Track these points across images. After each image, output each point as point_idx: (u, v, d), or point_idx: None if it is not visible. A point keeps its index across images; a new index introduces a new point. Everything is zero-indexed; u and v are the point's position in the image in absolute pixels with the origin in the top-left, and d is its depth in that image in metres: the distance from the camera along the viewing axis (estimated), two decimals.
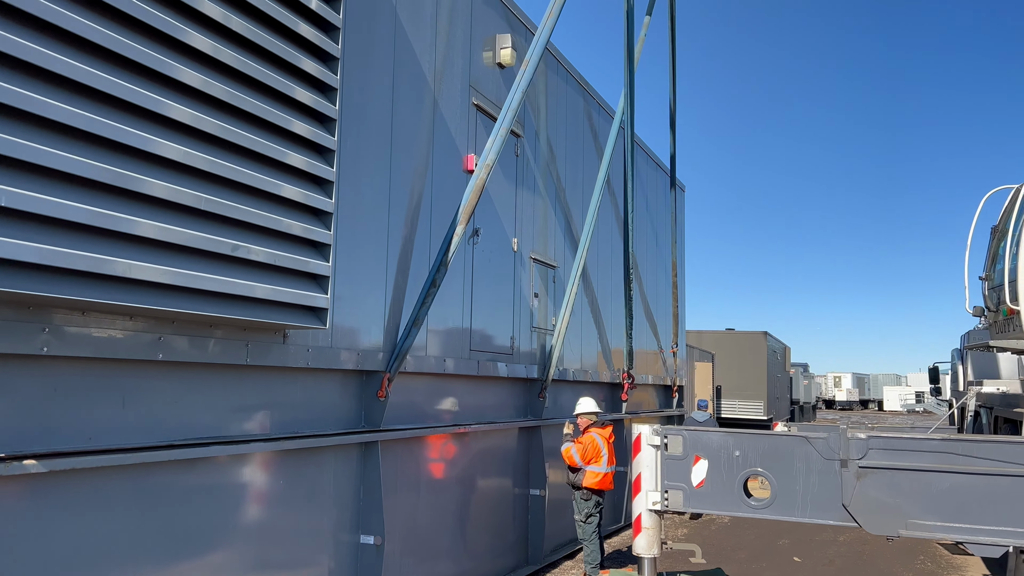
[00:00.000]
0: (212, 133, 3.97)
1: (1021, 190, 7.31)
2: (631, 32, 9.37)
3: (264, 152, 4.30)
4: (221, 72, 4.08)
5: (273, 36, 4.40)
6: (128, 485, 3.99)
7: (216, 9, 4.00)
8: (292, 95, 4.52)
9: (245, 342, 4.65)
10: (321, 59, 4.82)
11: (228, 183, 4.11)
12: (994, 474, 5.05)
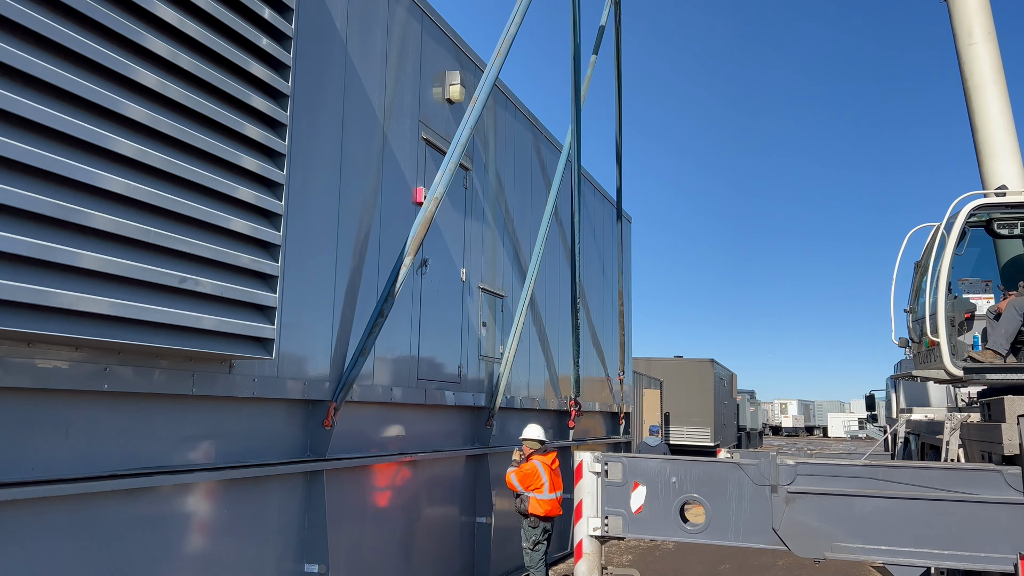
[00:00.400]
0: (159, 167, 4.06)
1: (940, 229, 7.76)
2: (577, 70, 9.69)
3: (212, 186, 4.40)
4: (169, 107, 4.18)
5: (222, 73, 4.53)
6: (71, 516, 4.00)
7: (164, 46, 4.12)
8: (241, 131, 4.64)
9: (191, 372, 4.70)
10: (271, 96, 4.95)
11: (176, 216, 4.20)
12: (912, 498, 5.34)
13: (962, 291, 8.29)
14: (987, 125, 8.80)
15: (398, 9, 7.29)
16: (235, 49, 4.60)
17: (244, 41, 4.70)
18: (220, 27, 4.52)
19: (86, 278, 3.68)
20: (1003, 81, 8.90)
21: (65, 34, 3.56)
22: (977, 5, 9.00)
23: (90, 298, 3.64)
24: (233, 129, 4.57)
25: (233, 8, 4.61)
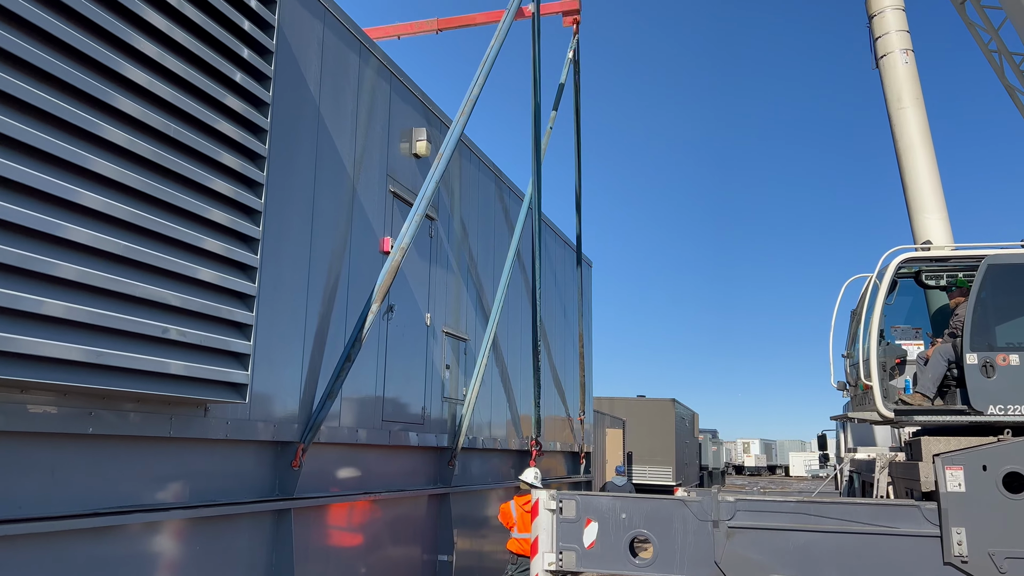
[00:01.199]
0: (142, 225, 4.41)
1: (872, 280, 8.35)
2: (538, 126, 10.24)
3: (192, 241, 4.76)
4: (140, 164, 4.50)
5: (200, 135, 4.91)
6: (51, 552, 4.25)
7: (132, 106, 4.48)
8: (219, 189, 5.01)
9: (169, 415, 5.00)
10: (248, 157, 5.35)
11: (158, 270, 4.54)
12: (841, 532, 5.78)
13: (894, 338, 8.88)
14: (916, 182, 9.50)
15: (367, 71, 7.77)
16: (212, 113, 4.99)
17: (221, 105, 5.10)
18: (195, 91, 4.92)
19: (72, 328, 4.00)
20: (930, 142, 9.63)
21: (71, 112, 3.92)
22: (906, 73, 9.76)
23: (80, 348, 3.96)
24: (211, 189, 4.95)
25: (209, 73, 5.01)
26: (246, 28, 5.31)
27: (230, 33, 5.19)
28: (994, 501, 5.81)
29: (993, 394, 7.39)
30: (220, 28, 5.09)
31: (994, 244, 8.27)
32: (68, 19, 4.05)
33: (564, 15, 12.19)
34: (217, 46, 5.09)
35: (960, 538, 5.66)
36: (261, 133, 5.45)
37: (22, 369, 3.71)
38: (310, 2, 6.73)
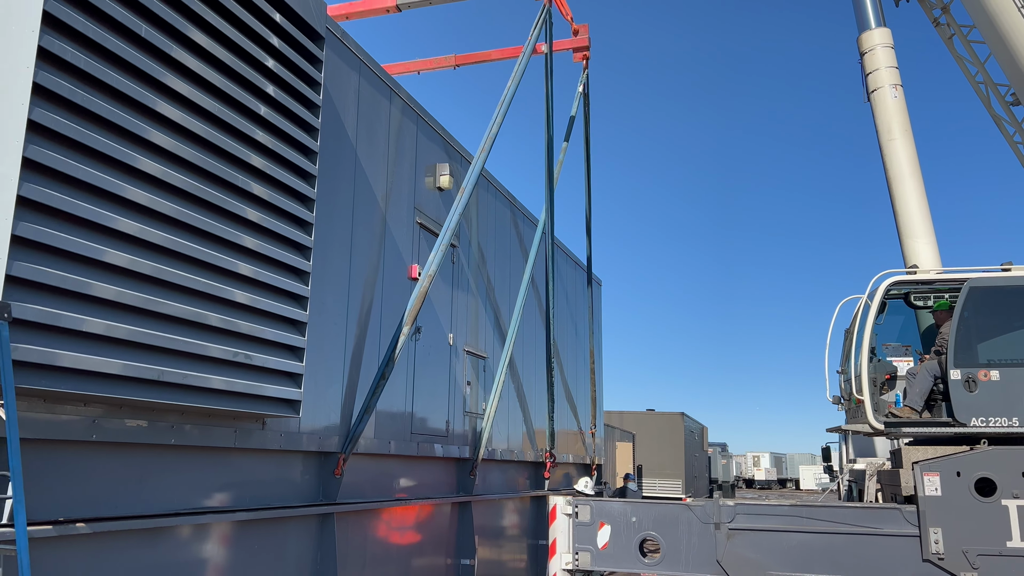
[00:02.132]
0: (224, 267, 5.13)
1: (863, 301, 9.00)
2: (551, 158, 10.96)
3: (259, 279, 5.48)
4: (217, 212, 5.24)
5: (263, 184, 5.64)
6: (141, 545, 4.95)
7: (205, 159, 5.20)
8: (276, 230, 5.74)
9: (233, 428, 5.70)
10: (301, 200, 6.08)
11: (232, 304, 5.25)
12: (830, 532, 6.41)
13: (885, 355, 9.51)
14: (906, 209, 10.15)
15: (396, 113, 8.50)
16: (273, 164, 5.72)
17: (280, 158, 5.83)
18: (259, 146, 5.65)
19: (161, 354, 4.71)
20: (918, 171, 10.29)
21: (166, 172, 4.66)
22: (895, 107, 10.44)
23: (169, 370, 4.67)
24: (271, 230, 5.67)
25: (269, 130, 5.75)
26: (299, 88, 6.05)
27: (286, 94, 5.93)
28: (967, 504, 6.42)
29: (975, 407, 8.02)
30: (278, 89, 5.82)
31: (976, 268, 8.91)
32: (156, 90, 4.78)
33: (575, 52, 12.93)
34: (276, 105, 5.83)
35: (937, 537, 6.28)
36: (311, 178, 6.18)
37: (122, 389, 4.42)
38: (348, 55, 7.48)
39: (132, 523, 4.77)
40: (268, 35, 5.72)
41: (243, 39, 5.45)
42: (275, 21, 5.82)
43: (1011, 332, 8.43)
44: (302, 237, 6.01)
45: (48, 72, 4.02)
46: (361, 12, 11.05)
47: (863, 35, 10.94)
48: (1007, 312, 8.48)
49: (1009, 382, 8.08)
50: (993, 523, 6.34)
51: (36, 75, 3.93)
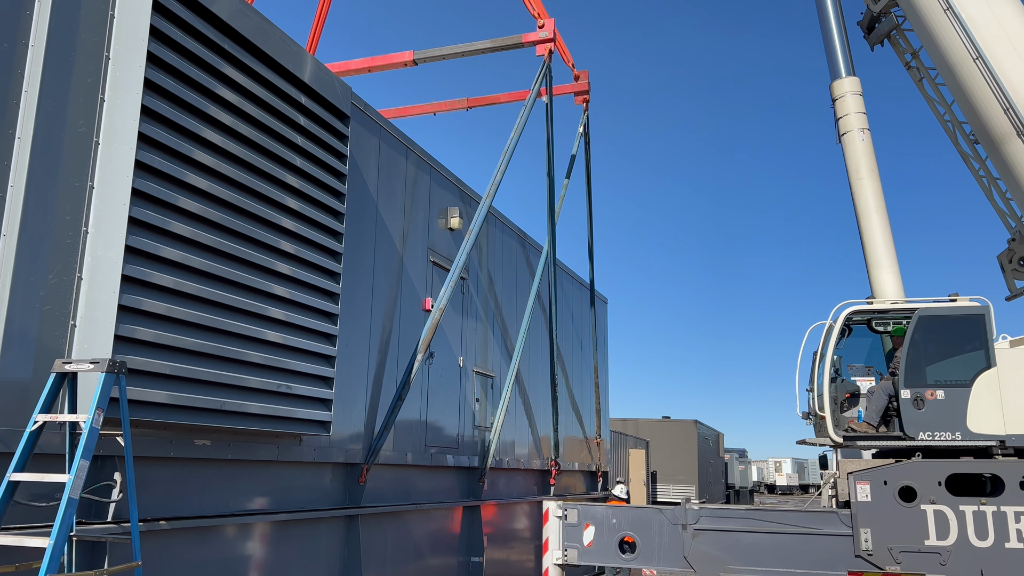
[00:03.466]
0: (280, 319, 6.38)
1: (828, 324, 10.08)
2: (552, 195, 12.16)
3: (299, 323, 6.73)
4: (273, 274, 6.48)
5: (303, 246, 6.89)
6: (202, 541, 6.20)
7: (263, 233, 6.45)
8: (313, 282, 6.99)
9: (276, 445, 6.95)
10: (331, 255, 7.33)
11: (283, 347, 6.50)
12: (780, 532, 7.53)
13: (850, 375, 10.57)
14: (872, 242, 11.21)
15: (411, 167, 9.75)
16: (310, 229, 6.98)
17: (316, 223, 7.08)
18: (302, 216, 6.90)
19: (225, 389, 5.96)
20: (884, 208, 11.35)
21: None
22: (863, 150, 11.51)
23: (230, 401, 5.92)
24: (309, 283, 6.92)
25: (308, 201, 7.00)
26: (329, 162, 7.31)
27: (319, 168, 7.19)
28: (892, 508, 7.48)
29: (923, 423, 9.09)
30: (312, 165, 7.08)
31: (926, 299, 9.98)
32: (219, 180, 6.04)
33: (576, 95, 14.13)
34: (310, 178, 7.09)
35: (867, 537, 7.34)
36: (339, 236, 7.43)
37: (193, 417, 5.67)
38: (370, 123, 8.74)
39: (199, 522, 6.03)
40: (301, 119, 6.98)
41: (284, 127, 6.72)
42: (310, 110, 7.09)
43: (955, 356, 9.48)
44: (331, 285, 7.26)
45: (143, 178, 5.29)
46: (382, 66, 12.33)
47: (834, 83, 12.01)
48: (952, 338, 9.54)
49: (953, 400, 9.15)
50: (913, 525, 7.39)
51: (135, 181, 5.21)
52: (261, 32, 6.49)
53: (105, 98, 5.40)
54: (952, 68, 11.29)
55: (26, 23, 5.03)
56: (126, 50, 5.42)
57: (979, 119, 11.19)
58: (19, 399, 4.72)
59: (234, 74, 6.18)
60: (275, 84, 6.64)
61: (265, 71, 6.53)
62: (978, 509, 7.44)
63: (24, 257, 4.82)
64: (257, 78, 6.46)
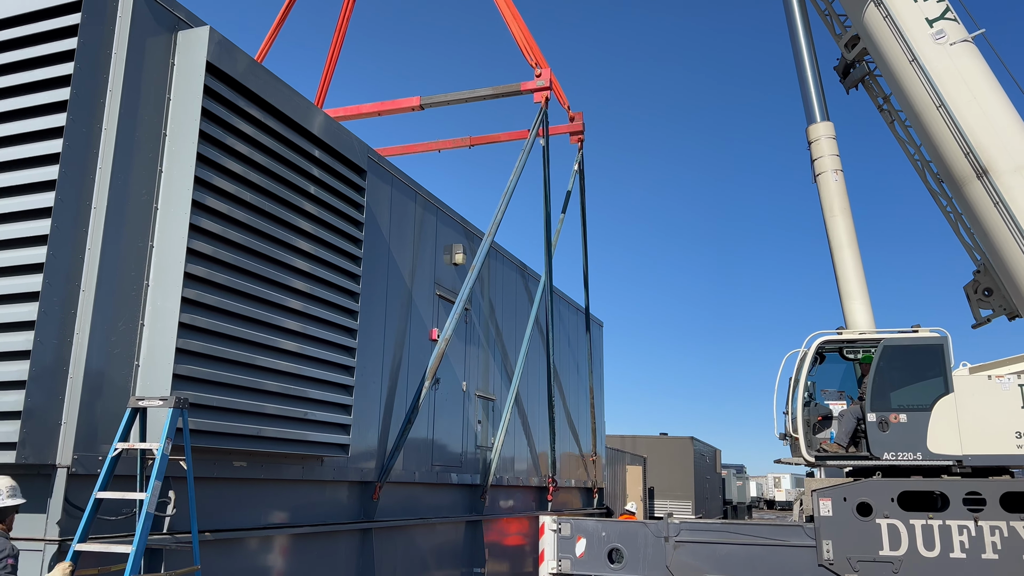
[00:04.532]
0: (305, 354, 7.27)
1: (801, 353, 10.97)
2: (548, 230, 13.08)
3: (323, 358, 7.62)
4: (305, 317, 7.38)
5: (328, 291, 7.79)
6: (242, 550, 7.05)
7: (297, 282, 7.36)
8: (336, 321, 7.88)
9: (301, 466, 7.82)
10: (350, 296, 8.23)
11: (308, 379, 7.39)
12: (752, 544, 8.38)
13: (823, 399, 11.45)
14: (844, 275, 12.11)
15: (419, 209, 10.68)
16: (334, 274, 7.89)
17: (338, 268, 7.99)
18: (328, 264, 7.81)
19: (264, 418, 6.84)
20: (855, 243, 12.26)
21: None
22: (836, 189, 12.44)
23: (266, 428, 6.80)
24: (333, 322, 7.81)
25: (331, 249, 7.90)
26: (348, 212, 8.23)
27: (340, 219, 8.11)
28: (851, 522, 8.31)
29: (887, 444, 9.96)
30: (334, 216, 8.00)
31: (892, 329, 10.87)
32: (261, 237, 6.95)
33: (571, 135, 15.09)
34: (332, 228, 8.00)
35: (828, 547, 8.17)
36: (357, 278, 8.33)
37: (235, 442, 6.55)
38: (383, 172, 9.67)
39: (235, 533, 6.89)
40: (327, 178, 7.91)
41: (313, 187, 7.64)
42: (335, 169, 8.02)
43: (917, 382, 10.37)
44: (350, 323, 8.16)
45: (195, 239, 6.20)
46: (391, 110, 13.29)
47: (810, 127, 12.96)
48: (914, 366, 10.43)
49: (914, 423, 10.03)
50: (869, 536, 8.22)
51: (189, 242, 6.12)
52: (297, 108, 7.43)
53: (163, 170, 6.33)
54: (918, 114, 12.25)
55: (100, 110, 5.96)
56: (181, 128, 6.36)
57: (943, 162, 12.15)
58: (93, 429, 5.61)
59: (273, 144, 7.12)
60: (307, 150, 7.58)
61: (298, 139, 7.47)
62: (926, 523, 8.29)
63: (99, 308, 5.72)
64: (292, 146, 7.40)
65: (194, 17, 6.75)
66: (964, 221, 13.08)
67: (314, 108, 7.86)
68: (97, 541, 5.17)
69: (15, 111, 5.90)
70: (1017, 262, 11.51)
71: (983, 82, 11.84)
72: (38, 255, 5.52)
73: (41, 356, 5.39)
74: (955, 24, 12.15)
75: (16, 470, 5.31)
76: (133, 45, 6.14)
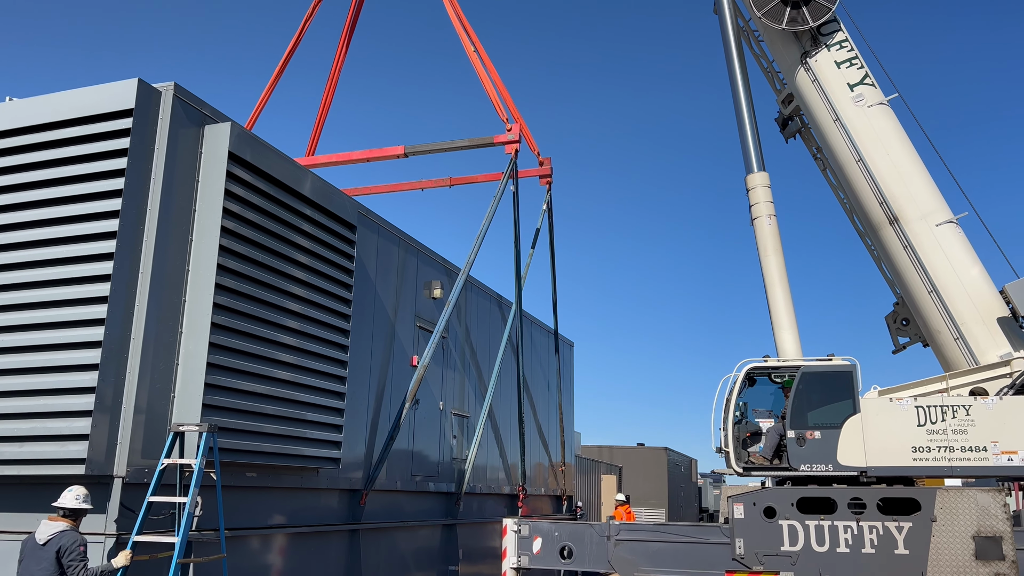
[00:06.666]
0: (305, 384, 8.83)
1: (733, 377, 12.62)
2: (518, 266, 14.70)
3: (320, 386, 9.19)
4: (303, 353, 8.95)
5: (324, 329, 9.36)
6: (250, 547, 8.59)
7: (294, 323, 8.93)
8: (329, 355, 9.45)
9: (300, 475, 9.37)
10: (342, 333, 9.80)
11: (306, 404, 8.95)
12: (678, 541, 9.98)
13: (755, 417, 13.09)
14: (775, 308, 13.77)
15: (402, 253, 12.27)
16: (328, 316, 9.47)
17: (332, 310, 9.56)
18: (321, 307, 9.38)
19: (271, 438, 8.39)
20: (786, 281, 13.93)
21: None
22: (770, 232, 14.12)
23: (273, 445, 8.36)
24: (328, 356, 9.38)
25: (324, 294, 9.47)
26: (339, 262, 9.81)
27: (335, 269, 9.69)
28: (758, 523, 9.92)
29: (804, 457, 11.60)
30: (331, 268, 9.58)
31: (810, 358, 12.54)
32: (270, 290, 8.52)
33: (540, 178, 16.74)
34: (330, 279, 9.58)
35: (740, 544, 9.77)
36: (347, 318, 9.91)
37: (246, 456, 8.09)
38: (370, 223, 11.26)
39: (245, 532, 8.44)
40: (323, 235, 9.49)
41: (312, 244, 9.23)
42: (331, 228, 9.60)
43: (830, 404, 12.03)
44: (342, 355, 9.74)
45: (220, 294, 7.78)
46: (378, 157, 14.88)
47: (748, 177, 14.64)
48: (827, 390, 12.09)
49: (827, 439, 11.67)
50: (773, 535, 9.83)
51: (215, 297, 7.69)
52: (298, 178, 9.03)
53: (193, 239, 7.90)
54: (841, 166, 14.02)
55: (146, 194, 7.53)
56: (208, 205, 7.93)
57: (862, 208, 13.90)
58: (141, 447, 7.16)
59: (278, 211, 8.71)
60: (306, 213, 9.17)
61: (299, 204, 9.05)
62: (818, 523, 9.92)
63: (145, 352, 7.28)
64: (293, 211, 8.99)
65: (218, 113, 8.34)
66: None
67: (313, 175, 9.45)
68: (148, 534, 6.72)
69: (83, 195, 7.46)
70: (923, 297, 13.25)
71: (895, 140, 13.61)
72: (100, 311, 7.08)
73: (102, 391, 6.95)
74: (873, 89, 13.92)
75: (84, 480, 6.85)
76: (171, 139, 7.72)
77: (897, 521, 9.84)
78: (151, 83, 7.70)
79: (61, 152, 7.60)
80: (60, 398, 7.00)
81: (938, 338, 13.22)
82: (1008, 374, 12.17)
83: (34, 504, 7.08)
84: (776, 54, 15.17)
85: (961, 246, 13.01)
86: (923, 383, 12.65)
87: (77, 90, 7.70)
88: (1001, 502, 9.79)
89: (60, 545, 6.00)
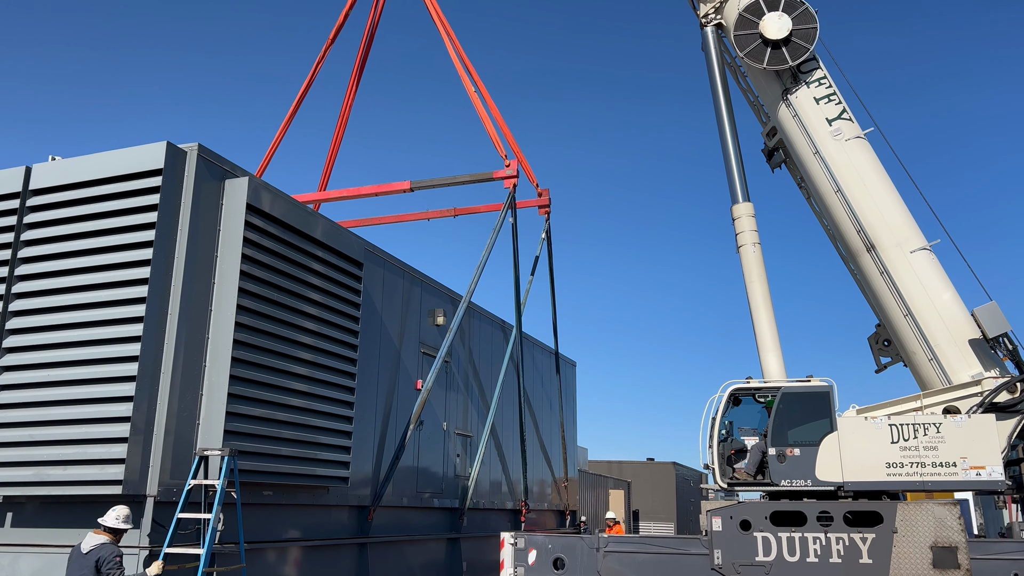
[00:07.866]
0: (316, 409, 9.72)
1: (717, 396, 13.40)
2: (518, 294, 15.58)
3: (329, 412, 10.08)
4: (317, 382, 9.85)
5: (333, 359, 10.26)
6: (268, 559, 9.46)
7: (307, 355, 9.83)
8: (338, 382, 10.34)
9: (312, 492, 10.25)
10: (350, 362, 10.70)
11: (317, 428, 9.83)
12: (662, 552, 10.75)
13: (740, 435, 13.84)
14: (760, 330, 14.56)
15: (407, 284, 13.18)
16: (337, 347, 10.37)
17: (341, 342, 10.46)
18: (331, 339, 10.28)
19: (286, 460, 9.27)
20: (770, 305, 14.71)
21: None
22: (754, 259, 14.92)
23: (288, 467, 9.24)
24: (337, 383, 10.28)
25: (334, 327, 10.36)
26: (347, 297, 10.72)
27: (344, 303, 10.59)
28: (735, 535, 10.68)
29: (784, 473, 12.35)
30: (340, 303, 10.48)
31: (790, 379, 13.30)
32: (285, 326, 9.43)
33: (539, 208, 17.65)
34: (339, 312, 10.49)
35: (718, 555, 10.52)
36: (355, 347, 10.81)
37: (263, 476, 8.97)
38: (376, 259, 12.18)
39: (260, 545, 9.32)
40: (334, 273, 10.41)
41: (323, 282, 10.14)
42: (340, 267, 10.52)
43: (809, 423, 12.78)
44: (350, 382, 10.63)
45: (240, 332, 8.70)
46: (385, 191, 15.83)
47: (733, 207, 15.46)
48: (806, 410, 12.84)
49: (806, 456, 12.42)
50: (748, 546, 10.58)
51: (235, 334, 8.61)
52: (310, 222, 9.96)
53: (215, 283, 8.83)
54: (821, 196, 14.83)
55: (174, 243, 8.48)
56: (228, 252, 8.86)
57: (842, 235, 14.69)
58: (170, 470, 8.06)
59: (291, 253, 9.64)
60: (316, 254, 10.09)
61: (310, 246, 9.98)
62: (790, 535, 10.66)
63: (174, 385, 8.20)
64: (305, 253, 9.92)
65: (237, 168, 9.30)
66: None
67: (323, 218, 10.38)
68: (177, 547, 7.61)
69: (117, 245, 8.41)
70: (899, 320, 14.00)
71: (871, 172, 14.41)
72: (134, 349, 8.01)
73: (137, 419, 7.87)
74: (850, 123, 14.74)
75: (121, 499, 7.76)
76: (195, 194, 8.68)
77: (862, 533, 10.58)
78: (174, 140, 8.67)
79: (99, 207, 8.57)
80: (99, 426, 7.92)
81: (914, 359, 13.96)
82: (979, 393, 12.90)
83: (78, 520, 8.01)
84: (760, 90, 16.04)
85: (934, 272, 13.75)
86: (899, 402, 13.39)
87: (114, 152, 8.67)
88: (956, 514, 10.51)
89: (100, 556, 6.90)
